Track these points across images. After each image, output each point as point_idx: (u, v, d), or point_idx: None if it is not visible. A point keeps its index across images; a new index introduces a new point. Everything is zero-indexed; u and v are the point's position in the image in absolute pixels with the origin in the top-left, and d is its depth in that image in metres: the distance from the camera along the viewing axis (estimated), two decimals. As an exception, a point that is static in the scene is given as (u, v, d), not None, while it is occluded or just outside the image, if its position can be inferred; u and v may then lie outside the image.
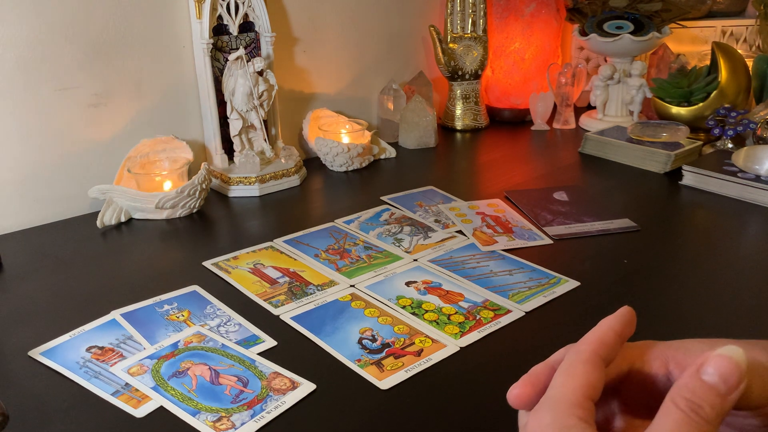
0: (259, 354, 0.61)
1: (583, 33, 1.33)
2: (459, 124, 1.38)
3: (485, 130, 1.38)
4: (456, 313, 0.68)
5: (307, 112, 1.19)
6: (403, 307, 0.69)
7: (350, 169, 1.14)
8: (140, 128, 1.01)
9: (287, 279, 0.75)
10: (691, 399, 0.26)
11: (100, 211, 0.92)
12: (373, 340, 0.63)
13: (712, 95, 1.17)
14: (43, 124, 0.92)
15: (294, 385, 0.57)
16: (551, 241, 0.84)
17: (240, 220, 0.96)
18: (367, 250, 0.82)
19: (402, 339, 0.63)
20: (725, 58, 1.18)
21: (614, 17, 1.31)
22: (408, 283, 0.74)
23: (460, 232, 0.87)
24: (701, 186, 1.00)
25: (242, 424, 0.52)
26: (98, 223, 0.91)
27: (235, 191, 1.03)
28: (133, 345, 0.63)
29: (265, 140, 1.07)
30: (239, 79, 1.01)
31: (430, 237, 0.86)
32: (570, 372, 0.29)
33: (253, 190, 1.03)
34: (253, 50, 1.08)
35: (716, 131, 1.11)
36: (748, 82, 1.19)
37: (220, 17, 1.02)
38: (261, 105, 1.04)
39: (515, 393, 0.32)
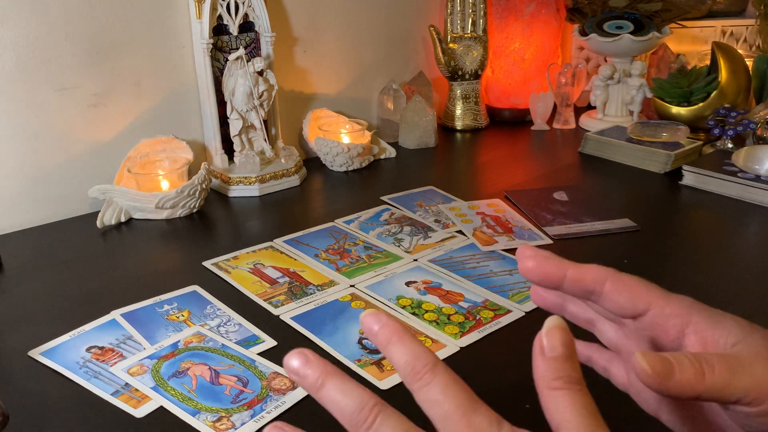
0: (259, 354, 0.61)
1: (583, 33, 1.33)
2: (459, 124, 1.38)
3: (485, 130, 1.38)
4: (456, 313, 0.68)
5: (307, 112, 1.19)
6: (403, 307, 0.69)
7: (350, 169, 1.14)
8: (140, 128, 1.01)
9: (287, 279, 0.75)
10: (562, 375, 0.28)
11: (100, 211, 0.92)
12: (373, 340, 0.63)
13: (712, 95, 1.17)
14: (43, 124, 0.92)
15: (294, 385, 0.57)
16: (551, 241, 0.84)
17: (240, 220, 0.96)
18: (367, 250, 0.82)
19: (402, 339, 0.63)
20: (725, 58, 1.18)
21: (614, 17, 1.31)
22: (408, 283, 0.74)
23: (460, 232, 0.87)
24: (701, 186, 0.99)
25: (242, 424, 0.52)
26: (98, 223, 0.91)
27: (235, 191, 1.03)
28: (133, 345, 0.63)
29: (265, 140, 1.07)
30: (239, 79, 1.01)
31: (430, 237, 0.86)
32: None
33: (253, 190, 1.03)
34: (253, 50, 1.08)
35: (716, 131, 1.11)
36: (748, 82, 1.19)
37: (220, 17, 1.02)
38: (261, 105, 1.04)
39: (531, 264, 0.34)
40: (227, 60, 1.01)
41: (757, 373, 0.29)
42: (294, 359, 0.30)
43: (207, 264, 0.79)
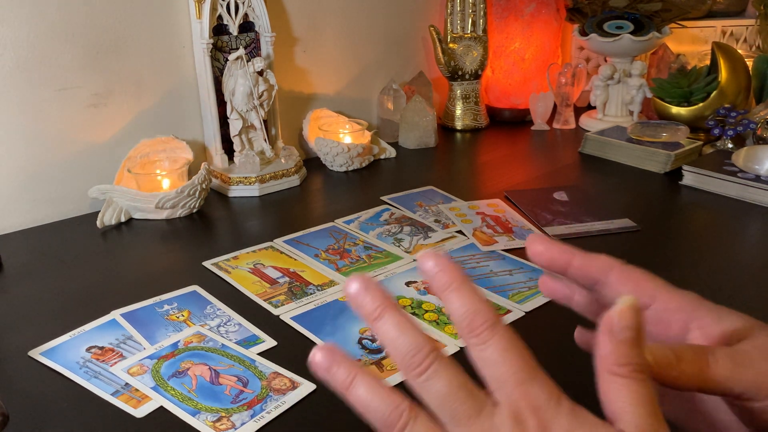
0: (259, 354, 0.61)
1: (583, 33, 1.33)
2: (459, 124, 1.38)
3: (485, 130, 1.38)
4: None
5: (307, 112, 1.19)
6: (403, 307, 0.69)
7: (350, 169, 1.14)
8: (140, 128, 1.01)
9: (287, 279, 0.75)
10: (625, 362, 0.26)
11: (100, 211, 0.92)
12: (373, 340, 0.63)
13: (712, 95, 1.17)
14: (43, 124, 0.92)
15: (294, 385, 0.57)
16: (551, 241, 0.84)
17: (240, 220, 0.96)
18: (367, 250, 0.82)
19: (402, 339, 0.63)
20: (725, 58, 1.18)
21: (614, 17, 1.31)
22: (408, 283, 0.74)
23: (460, 232, 0.87)
24: (701, 186, 0.99)
25: (242, 424, 0.52)
26: (98, 223, 0.91)
27: (235, 191, 1.03)
28: (133, 345, 0.63)
29: (265, 140, 1.07)
30: (239, 79, 1.01)
31: (430, 237, 0.86)
32: None
33: (253, 190, 1.03)
34: (253, 50, 1.08)
35: (716, 131, 1.11)
36: (748, 82, 1.19)
37: (220, 17, 1.02)
38: (261, 105, 1.04)
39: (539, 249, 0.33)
40: (227, 60, 1.01)
41: (762, 367, 0.29)
42: (354, 283, 0.29)
43: (207, 264, 0.79)
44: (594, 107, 1.37)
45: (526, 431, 0.26)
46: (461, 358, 0.63)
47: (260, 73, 1.03)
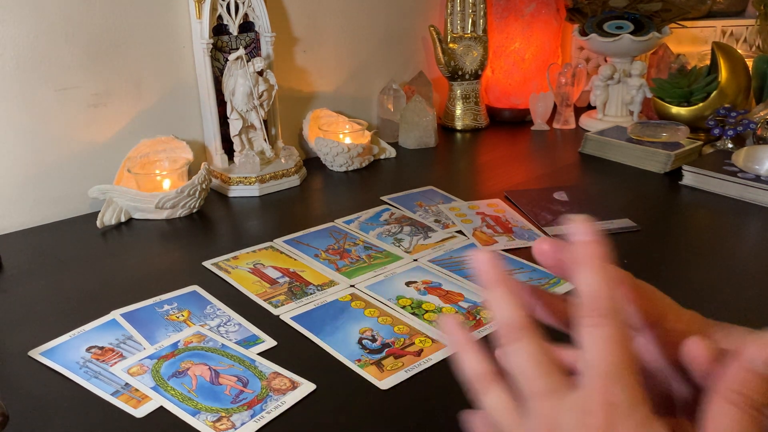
0: (259, 354, 0.61)
1: (583, 33, 1.33)
2: (459, 124, 1.38)
3: (485, 130, 1.38)
4: (456, 313, 0.68)
5: (307, 112, 1.19)
6: (403, 307, 0.69)
7: (350, 169, 1.14)
8: (140, 128, 1.01)
9: (287, 279, 0.75)
10: (746, 393, 0.25)
11: (100, 211, 0.92)
12: (373, 340, 0.63)
13: (712, 95, 1.17)
14: (43, 124, 0.92)
15: (294, 385, 0.57)
16: (551, 241, 0.84)
17: (240, 220, 0.96)
18: (367, 250, 0.82)
19: (402, 339, 0.63)
20: (725, 58, 1.18)
21: (614, 17, 1.31)
22: (408, 283, 0.74)
23: (460, 232, 0.87)
24: (701, 186, 0.99)
25: (242, 424, 0.52)
26: (98, 223, 0.91)
27: (235, 191, 1.03)
28: (133, 345, 0.63)
29: (265, 140, 1.07)
30: (239, 79, 1.01)
31: (430, 237, 0.86)
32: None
33: (253, 190, 1.03)
34: (253, 50, 1.08)
35: (716, 131, 1.11)
36: (748, 82, 1.19)
37: (220, 17, 1.02)
38: (261, 105, 1.04)
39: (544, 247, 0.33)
40: (227, 60, 1.01)
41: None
42: (479, 255, 0.30)
43: (207, 264, 0.79)
44: (594, 107, 1.37)
45: (590, 425, 0.25)
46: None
47: (260, 73, 1.03)
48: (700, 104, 1.18)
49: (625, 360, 0.26)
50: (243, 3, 1.03)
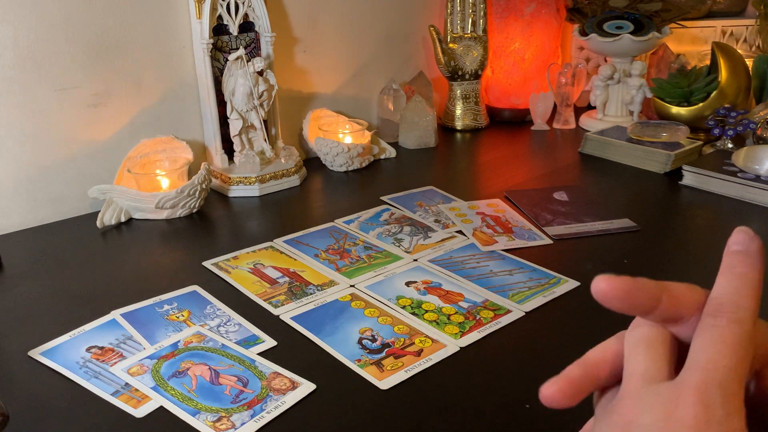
0: (259, 354, 0.61)
1: (583, 33, 1.33)
2: (459, 124, 1.38)
3: (485, 130, 1.38)
4: (456, 313, 0.68)
5: (307, 112, 1.19)
6: (403, 307, 0.69)
7: (350, 169, 1.14)
8: (140, 128, 1.01)
9: (287, 279, 0.76)
10: (727, 307, 0.26)
11: (100, 211, 0.92)
12: (373, 340, 0.63)
13: (712, 95, 1.17)
14: (43, 124, 0.92)
15: (294, 385, 0.57)
16: (551, 241, 0.84)
17: (240, 220, 0.96)
18: (367, 250, 0.82)
19: (402, 339, 0.63)
20: (725, 58, 1.18)
21: (614, 17, 1.31)
22: (408, 283, 0.74)
23: (460, 232, 0.87)
24: (701, 186, 0.99)
25: (242, 424, 0.52)
26: (98, 223, 0.91)
27: (235, 191, 1.03)
28: (133, 345, 0.63)
29: (265, 140, 1.07)
30: (239, 79, 1.01)
31: (430, 237, 0.86)
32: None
33: (253, 190, 1.03)
34: (253, 50, 1.08)
35: (716, 131, 1.11)
36: (748, 82, 1.19)
37: (220, 17, 1.02)
38: (261, 105, 1.04)
39: (552, 391, 0.29)
40: (227, 60, 1.01)
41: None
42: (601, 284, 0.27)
43: (207, 264, 0.79)
44: (594, 107, 1.37)
45: (677, 420, 0.24)
46: (461, 359, 0.63)
47: (260, 73, 1.03)
48: (700, 104, 1.18)
49: (736, 368, 0.24)
50: (243, 3, 1.03)
